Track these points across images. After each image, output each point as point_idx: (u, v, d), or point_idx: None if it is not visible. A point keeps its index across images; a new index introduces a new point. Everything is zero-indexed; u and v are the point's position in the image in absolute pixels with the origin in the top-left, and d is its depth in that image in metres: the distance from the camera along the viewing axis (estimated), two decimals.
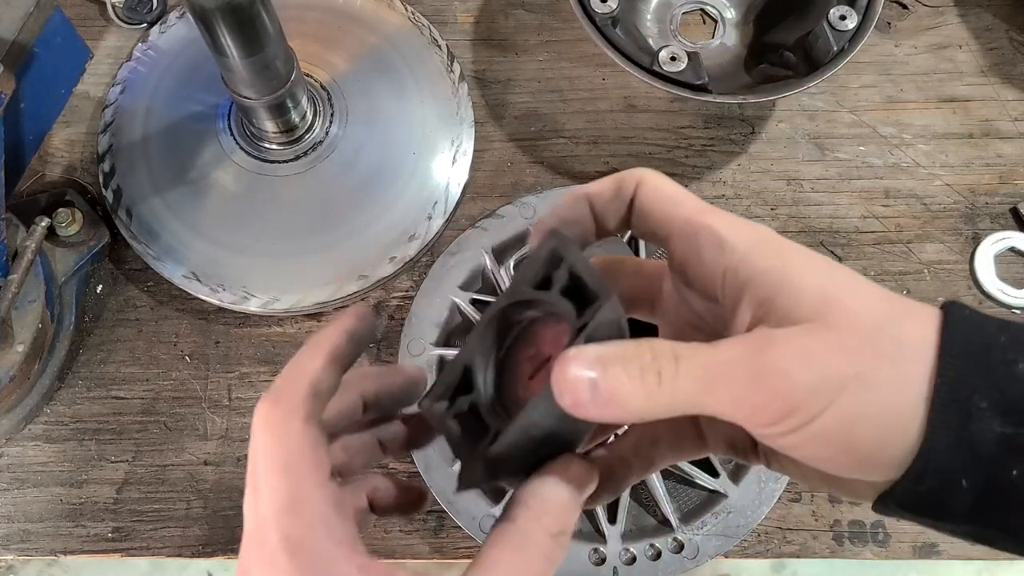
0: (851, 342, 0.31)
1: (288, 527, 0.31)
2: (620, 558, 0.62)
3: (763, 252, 0.33)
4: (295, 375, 0.34)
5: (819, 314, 0.31)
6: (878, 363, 0.30)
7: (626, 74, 0.71)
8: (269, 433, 0.32)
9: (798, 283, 0.32)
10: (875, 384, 0.30)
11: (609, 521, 0.62)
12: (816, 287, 0.32)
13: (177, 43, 0.78)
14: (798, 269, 0.33)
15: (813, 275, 0.32)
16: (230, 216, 0.72)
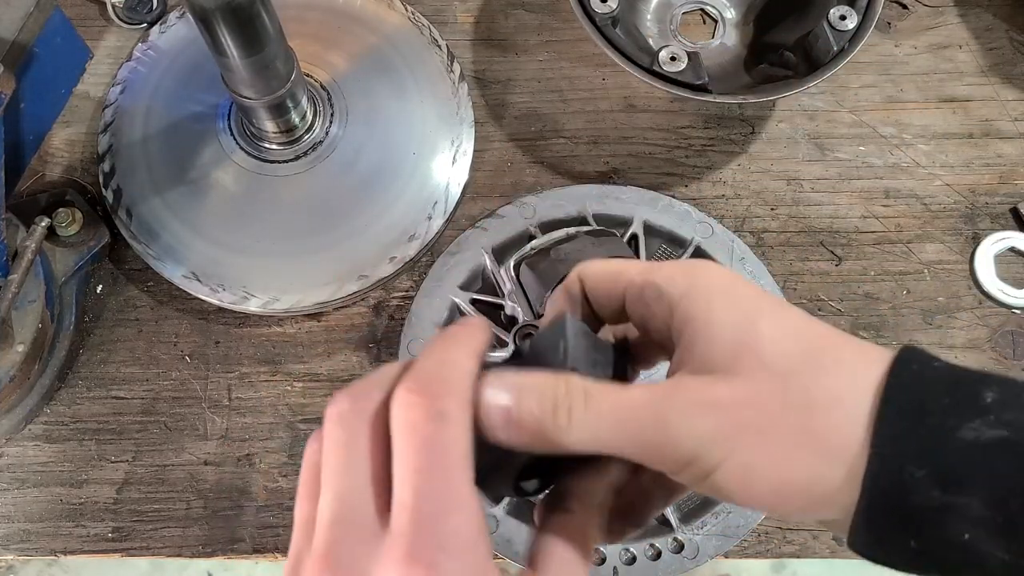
0: (753, 391, 0.30)
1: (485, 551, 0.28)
2: (620, 558, 0.62)
3: (693, 298, 0.33)
4: (453, 374, 0.30)
5: (731, 361, 0.31)
6: (781, 414, 0.30)
7: (626, 74, 0.71)
8: (424, 436, 0.28)
9: (717, 330, 0.32)
10: (773, 436, 0.30)
11: None
12: (732, 334, 0.32)
13: (177, 43, 0.78)
14: (719, 315, 0.32)
15: (733, 322, 0.32)
16: (230, 216, 0.72)
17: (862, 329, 0.73)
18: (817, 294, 0.74)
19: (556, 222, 0.71)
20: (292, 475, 0.68)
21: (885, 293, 0.74)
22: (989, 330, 0.73)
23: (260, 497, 0.68)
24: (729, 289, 0.33)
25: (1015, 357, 0.72)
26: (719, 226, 0.72)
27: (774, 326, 0.32)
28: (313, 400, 0.70)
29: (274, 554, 0.66)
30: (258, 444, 0.69)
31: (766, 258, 0.74)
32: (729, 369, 0.31)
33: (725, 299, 0.33)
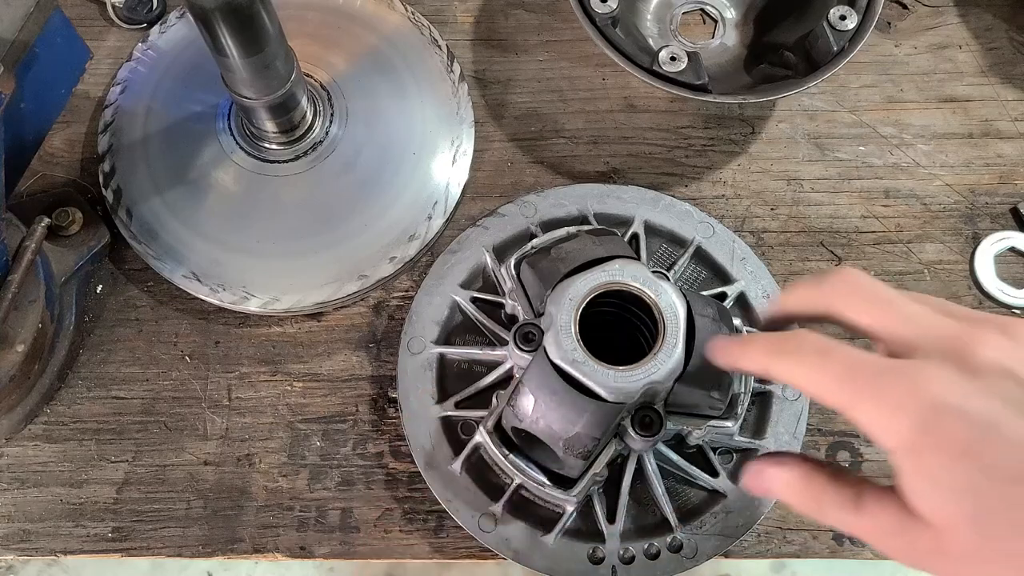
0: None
1: None
2: (619, 557, 0.62)
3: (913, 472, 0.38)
4: None
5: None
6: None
7: (626, 74, 0.71)
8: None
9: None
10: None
11: (608, 520, 0.62)
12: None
13: (177, 43, 0.78)
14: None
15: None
16: (230, 216, 0.72)
17: None
18: None
19: (557, 221, 0.71)
20: (291, 475, 0.68)
21: None
22: None
23: (260, 497, 0.68)
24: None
25: None
26: (720, 226, 0.72)
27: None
28: (313, 400, 0.70)
29: (274, 554, 0.66)
30: (258, 444, 0.69)
31: (766, 258, 0.74)
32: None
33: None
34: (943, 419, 0.36)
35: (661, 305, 0.57)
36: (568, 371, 0.55)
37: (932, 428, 0.36)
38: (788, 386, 0.65)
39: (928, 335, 0.39)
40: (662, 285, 0.57)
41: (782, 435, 0.65)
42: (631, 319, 0.60)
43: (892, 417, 0.37)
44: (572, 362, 0.55)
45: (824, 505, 0.41)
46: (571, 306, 0.57)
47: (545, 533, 0.62)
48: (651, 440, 0.57)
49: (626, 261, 0.59)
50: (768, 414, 0.66)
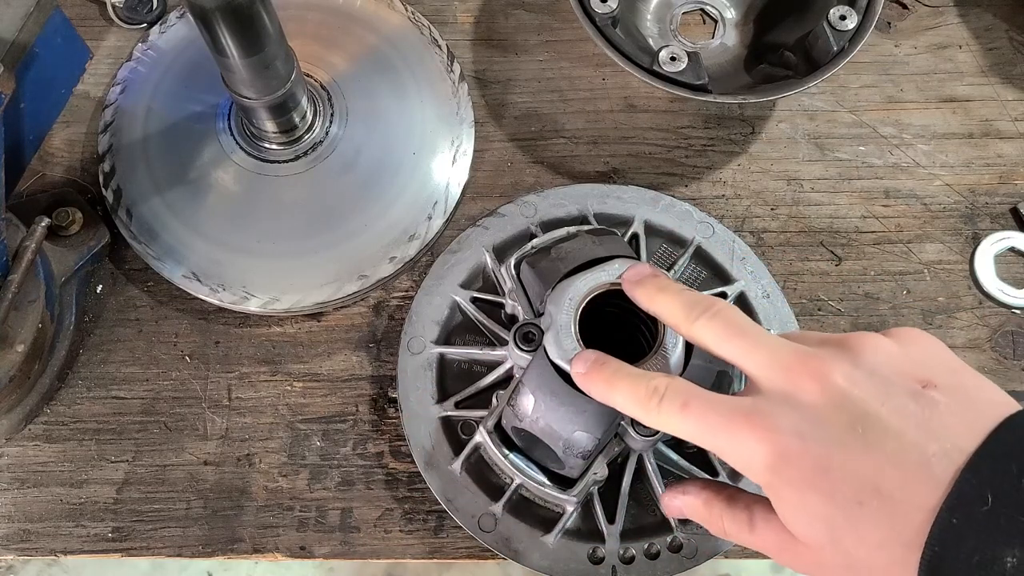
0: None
1: None
2: (619, 557, 0.62)
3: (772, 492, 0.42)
4: None
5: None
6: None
7: (626, 74, 0.71)
8: None
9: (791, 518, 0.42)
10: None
11: (608, 520, 0.62)
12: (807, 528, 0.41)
13: (177, 43, 0.78)
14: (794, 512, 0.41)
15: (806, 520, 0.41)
16: (230, 216, 0.72)
17: (862, 329, 0.73)
18: (817, 294, 0.74)
19: (557, 221, 0.71)
20: (291, 475, 0.68)
21: (885, 293, 0.74)
22: (989, 330, 0.73)
23: (260, 497, 0.68)
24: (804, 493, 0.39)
25: (1015, 357, 0.72)
26: (720, 226, 0.72)
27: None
28: (313, 400, 0.70)
29: (274, 554, 0.66)
30: (258, 444, 0.69)
31: (766, 258, 0.74)
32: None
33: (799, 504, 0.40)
34: (788, 457, 0.39)
35: None
36: (568, 371, 0.55)
37: (780, 467, 0.39)
38: None
39: (768, 373, 0.41)
40: None
41: None
42: (631, 319, 0.60)
43: (747, 461, 0.40)
44: (572, 362, 0.55)
45: (724, 526, 0.45)
46: (571, 306, 0.57)
47: (545, 533, 0.62)
48: (651, 440, 0.57)
49: (626, 261, 0.59)
50: None
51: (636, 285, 0.51)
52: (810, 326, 0.72)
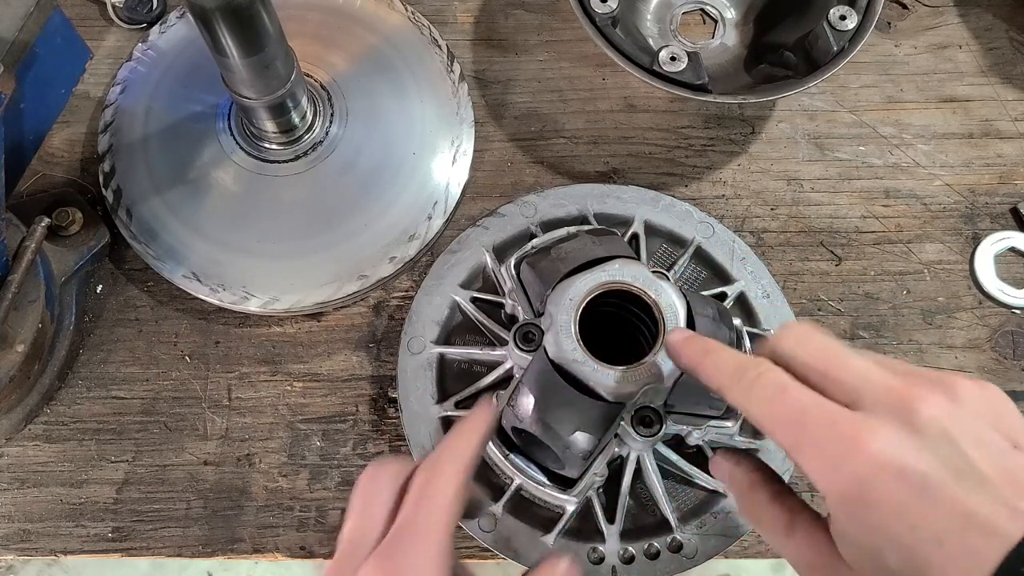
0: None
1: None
2: (619, 557, 0.62)
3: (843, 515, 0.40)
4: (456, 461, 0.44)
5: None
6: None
7: (626, 74, 0.71)
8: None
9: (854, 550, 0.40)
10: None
11: (608, 520, 0.62)
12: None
13: (177, 43, 0.78)
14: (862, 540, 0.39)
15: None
16: (230, 216, 0.72)
17: (862, 329, 0.73)
18: (817, 294, 0.74)
19: (557, 221, 0.71)
20: (291, 475, 0.68)
21: (885, 293, 0.74)
22: (989, 330, 0.73)
23: (260, 497, 0.68)
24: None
25: (1015, 357, 0.72)
26: (720, 226, 0.72)
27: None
28: (313, 400, 0.70)
29: (274, 554, 0.66)
30: (258, 444, 0.69)
31: (766, 258, 0.74)
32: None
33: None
34: (880, 476, 0.36)
35: (661, 305, 0.57)
36: (568, 371, 0.55)
37: (869, 484, 0.37)
38: None
39: (873, 388, 0.39)
40: (662, 285, 0.57)
41: None
42: (631, 319, 0.60)
43: (833, 468, 0.38)
44: (572, 362, 0.55)
45: (760, 519, 0.43)
46: (571, 306, 0.57)
47: (545, 533, 0.62)
48: (651, 440, 0.57)
49: (626, 261, 0.59)
50: None
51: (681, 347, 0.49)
52: None
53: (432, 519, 0.41)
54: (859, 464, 0.37)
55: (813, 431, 0.38)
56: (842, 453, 0.37)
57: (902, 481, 0.36)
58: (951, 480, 0.36)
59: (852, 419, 0.38)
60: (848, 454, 0.37)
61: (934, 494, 0.36)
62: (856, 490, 0.37)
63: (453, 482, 0.43)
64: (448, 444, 0.45)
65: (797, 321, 0.45)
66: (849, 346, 0.42)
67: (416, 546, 0.40)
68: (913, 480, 0.36)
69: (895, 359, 0.41)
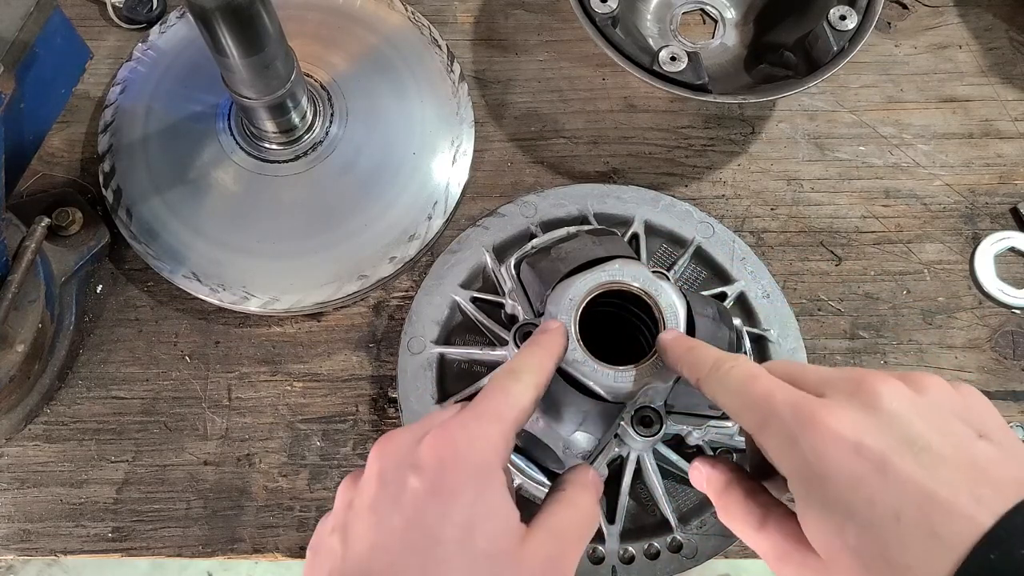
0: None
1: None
2: (619, 557, 0.62)
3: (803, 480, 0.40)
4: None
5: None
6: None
7: (626, 74, 0.71)
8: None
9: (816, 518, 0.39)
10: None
11: (608, 520, 0.62)
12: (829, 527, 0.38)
13: (177, 43, 0.78)
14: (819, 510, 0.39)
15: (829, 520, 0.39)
16: (230, 216, 0.72)
17: (862, 329, 0.73)
18: (817, 294, 0.74)
19: (557, 221, 0.71)
20: (292, 475, 0.68)
21: (885, 293, 0.74)
22: (989, 330, 0.73)
23: (260, 497, 0.68)
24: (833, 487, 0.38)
25: (1015, 357, 0.72)
26: (720, 225, 0.72)
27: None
28: (313, 400, 0.70)
29: (274, 554, 0.66)
30: (258, 444, 0.69)
31: (766, 258, 0.74)
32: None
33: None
34: (836, 450, 0.37)
35: (661, 305, 0.57)
36: (568, 371, 0.55)
37: (825, 457, 0.37)
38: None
39: (838, 380, 0.41)
40: (662, 285, 0.57)
41: None
42: (631, 319, 0.60)
43: (791, 443, 0.39)
44: (572, 362, 0.55)
45: (732, 515, 0.45)
46: (571, 306, 0.56)
47: None
48: (651, 440, 0.57)
49: (626, 261, 0.59)
50: None
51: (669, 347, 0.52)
52: (810, 326, 0.72)
53: (504, 407, 0.42)
54: (816, 439, 0.38)
55: (777, 411, 0.40)
56: (800, 430, 0.38)
57: (858, 456, 0.37)
58: (910, 460, 0.36)
59: (814, 401, 0.39)
60: (806, 430, 0.38)
61: (891, 471, 0.36)
62: (814, 464, 0.38)
63: (531, 388, 0.44)
64: (527, 352, 0.47)
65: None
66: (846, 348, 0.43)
67: (488, 424, 0.41)
68: (870, 456, 0.37)
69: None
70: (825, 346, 0.72)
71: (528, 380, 0.45)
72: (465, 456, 0.40)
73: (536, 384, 0.45)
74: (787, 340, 0.68)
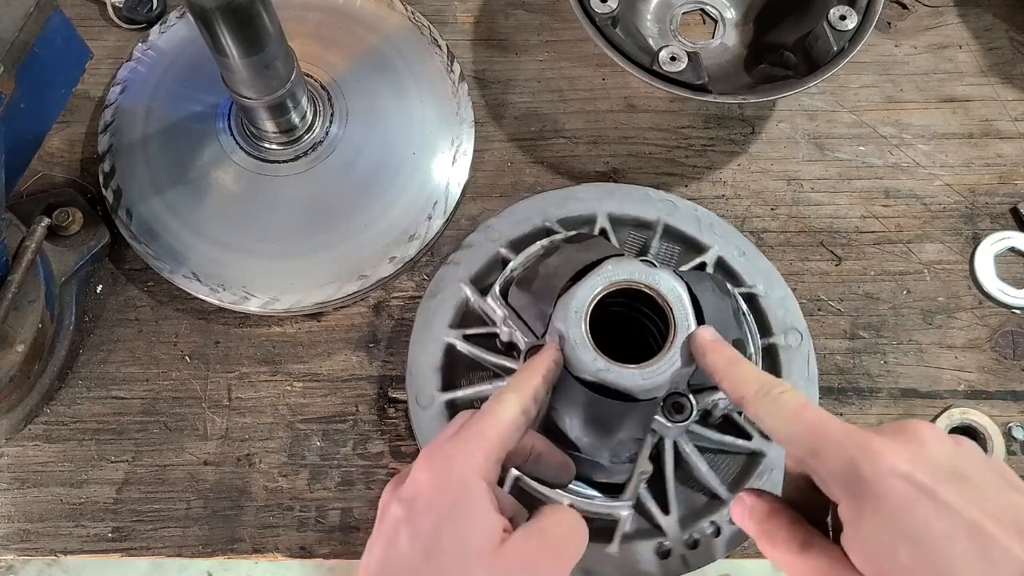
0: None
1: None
2: (684, 545, 0.62)
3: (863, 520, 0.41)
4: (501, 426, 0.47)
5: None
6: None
7: (626, 74, 0.71)
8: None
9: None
10: None
11: (663, 512, 0.62)
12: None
13: (177, 43, 0.79)
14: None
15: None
16: (230, 216, 0.72)
17: (862, 329, 0.73)
18: (817, 294, 0.74)
19: (524, 238, 0.70)
20: (292, 475, 0.68)
21: (885, 293, 0.74)
22: (989, 330, 0.73)
23: (260, 497, 0.68)
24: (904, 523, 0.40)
25: (1015, 357, 0.72)
26: (680, 200, 0.72)
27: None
28: (313, 400, 0.70)
29: (274, 554, 0.66)
30: (258, 444, 0.69)
31: (766, 258, 0.74)
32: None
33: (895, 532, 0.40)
34: (893, 477, 0.40)
35: (664, 293, 0.57)
36: (595, 382, 0.55)
37: (882, 482, 0.40)
38: (789, 336, 0.68)
39: (883, 427, 0.44)
40: (658, 273, 0.57)
41: (798, 382, 0.66)
42: (637, 315, 0.60)
43: (849, 467, 0.41)
44: (597, 372, 0.54)
45: (775, 540, 0.46)
46: (578, 319, 0.56)
47: (607, 543, 0.61)
48: (684, 423, 0.58)
49: (616, 260, 0.58)
50: (778, 365, 0.67)
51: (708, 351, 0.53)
52: (810, 326, 0.72)
53: (484, 426, 0.45)
54: (872, 463, 0.40)
55: (832, 437, 0.42)
56: (858, 455, 0.41)
57: (912, 483, 0.39)
58: (957, 493, 0.39)
59: (866, 432, 0.42)
60: (863, 456, 0.41)
61: (942, 500, 0.39)
62: (870, 486, 0.40)
63: (512, 405, 0.47)
64: (514, 378, 0.50)
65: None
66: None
67: (467, 443, 0.45)
68: (921, 485, 0.39)
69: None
70: (825, 346, 0.72)
71: (510, 399, 0.48)
72: (443, 475, 0.44)
73: (519, 401, 0.48)
74: (774, 290, 0.70)
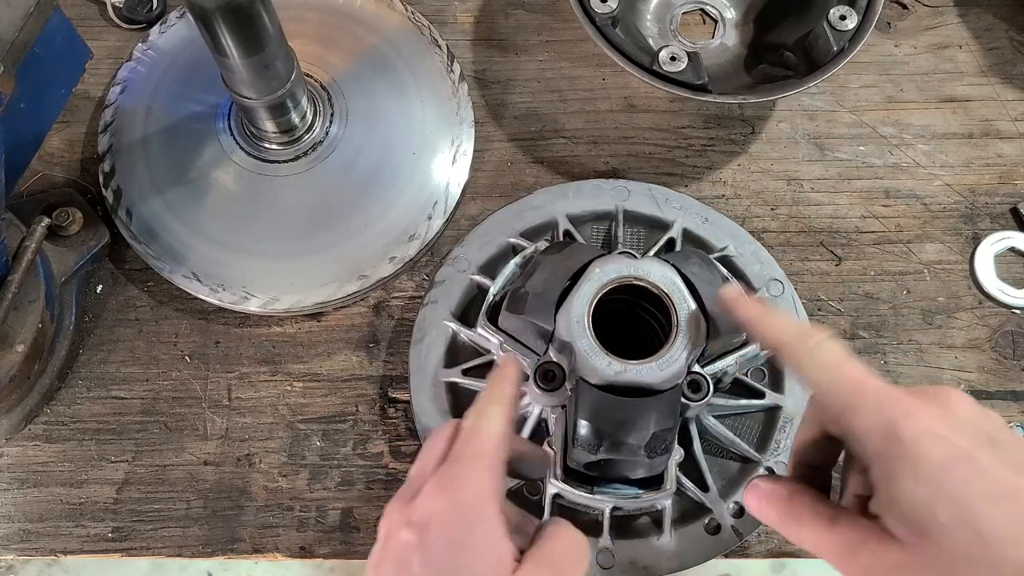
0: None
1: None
2: (731, 515, 0.62)
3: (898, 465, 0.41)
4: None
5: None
6: None
7: (626, 74, 0.71)
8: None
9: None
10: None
11: (702, 490, 0.63)
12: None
13: (177, 43, 0.79)
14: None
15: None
16: (230, 216, 0.72)
17: (862, 329, 0.73)
18: (817, 294, 0.74)
19: (492, 260, 0.70)
20: (292, 475, 0.68)
21: (885, 293, 0.74)
22: (989, 330, 0.73)
23: (260, 497, 0.68)
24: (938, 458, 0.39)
25: (1015, 357, 0.72)
26: (632, 183, 0.72)
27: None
28: (313, 400, 0.70)
29: (274, 554, 0.66)
30: (258, 444, 0.69)
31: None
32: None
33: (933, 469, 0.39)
34: (931, 437, 0.40)
35: (657, 281, 0.57)
36: (616, 385, 0.55)
37: (921, 441, 0.40)
38: (772, 287, 0.69)
39: (910, 389, 0.43)
40: (645, 264, 0.57)
41: None
42: (632, 308, 0.60)
43: (887, 425, 0.41)
44: (615, 375, 0.55)
45: (801, 519, 0.46)
46: (581, 328, 0.56)
47: (659, 534, 0.62)
48: (704, 400, 0.58)
49: (601, 260, 0.58)
50: None
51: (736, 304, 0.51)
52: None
53: (480, 445, 0.46)
54: (911, 423, 0.40)
55: (872, 395, 0.42)
56: (897, 415, 0.41)
57: (949, 446, 0.39)
58: (993, 455, 0.39)
59: (903, 392, 0.42)
60: (902, 415, 0.40)
61: (979, 462, 0.39)
62: (909, 446, 0.40)
63: (498, 417, 0.47)
64: (486, 392, 0.49)
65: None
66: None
67: (468, 464, 0.45)
68: (959, 446, 0.39)
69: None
70: None
71: (496, 412, 0.48)
72: (455, 501, 0.43)
73: (503, 413, 0.48)
74: (745, 247, 0.70)
